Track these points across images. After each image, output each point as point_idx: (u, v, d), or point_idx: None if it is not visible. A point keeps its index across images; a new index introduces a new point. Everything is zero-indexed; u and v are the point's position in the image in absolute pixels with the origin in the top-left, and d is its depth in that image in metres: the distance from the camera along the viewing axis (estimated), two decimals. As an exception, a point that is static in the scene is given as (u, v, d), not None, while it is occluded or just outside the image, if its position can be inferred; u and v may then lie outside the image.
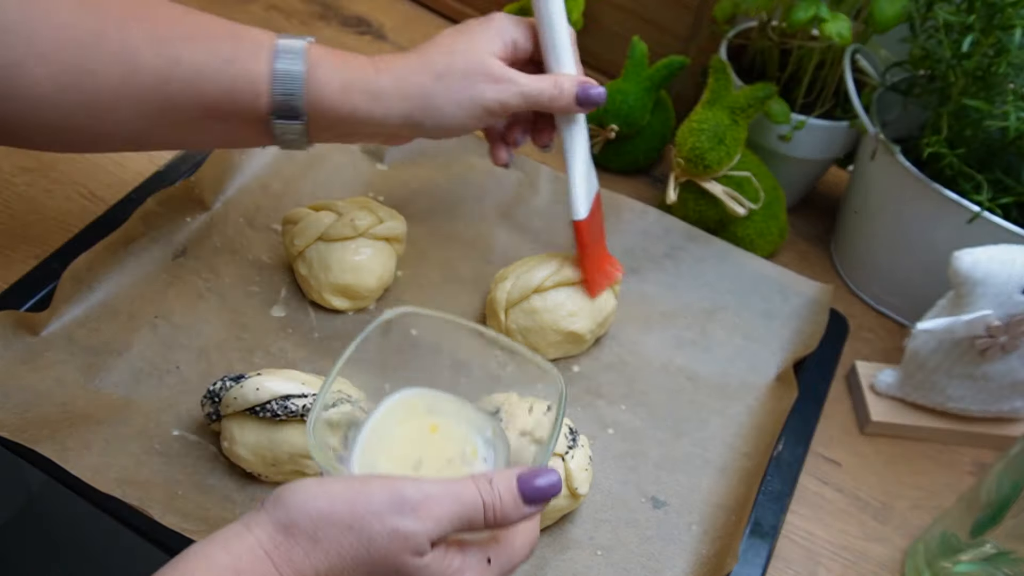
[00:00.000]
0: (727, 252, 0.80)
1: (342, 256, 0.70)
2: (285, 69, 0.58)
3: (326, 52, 0.59)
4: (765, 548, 0.62)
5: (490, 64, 0.61)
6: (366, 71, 0.60)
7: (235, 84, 0.57)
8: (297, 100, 0.58)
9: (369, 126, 0.61)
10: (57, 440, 0.58)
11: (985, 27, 0.70)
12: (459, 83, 0.60)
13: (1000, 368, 0.70)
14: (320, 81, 0.58)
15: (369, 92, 0.59)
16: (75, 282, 0.66)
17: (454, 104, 0.61)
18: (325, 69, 0.59)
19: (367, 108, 0.60)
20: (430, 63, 0.61)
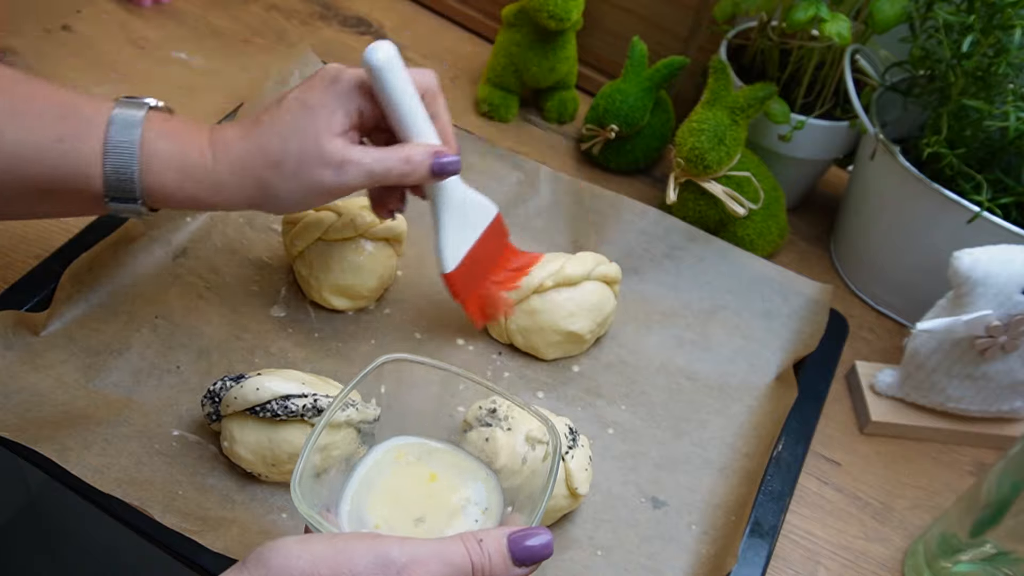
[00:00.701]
0: (727, 252, 0.80)
1: (342, 256, 0.70)
2: (120, 140, 0.55)
3: (161, 131, 0.56)
4: (765, 548, 0.62)
5: (328, 148, 0.57)
6: (203, 157, 0.57)
7: (64, 164, 0.54)
8: (132, 188, 0.56)
9: (211, 209, 0.61)
10: (57, 440, 0.58)
11: (985, 27, 0.70)
12: (295, 171, 0.57)
13: (1000, 368, 0.70)
14: (155, 171, 0.56)
15: (207, 183, 0.57)
16: (75, 282, 0.66)
17: (293, 192, 0.58)
18: (160, 158, 0.56)
19: (207, 197, 0.58)
20: (266, 150, 0.57)
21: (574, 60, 0.93)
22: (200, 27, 0.97)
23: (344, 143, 0.58)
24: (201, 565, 0.55)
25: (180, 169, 0.56)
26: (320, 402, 0.59)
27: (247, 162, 0.57)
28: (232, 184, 0.57)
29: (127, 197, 0.56)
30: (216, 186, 0.57)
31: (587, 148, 0.91)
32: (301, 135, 0.57)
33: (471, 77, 0.99)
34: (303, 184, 0.58)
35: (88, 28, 0.93)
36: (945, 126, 0.75)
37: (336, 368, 0.69)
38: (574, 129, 0.96)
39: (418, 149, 0.60)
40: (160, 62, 0.92)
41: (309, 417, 0.59)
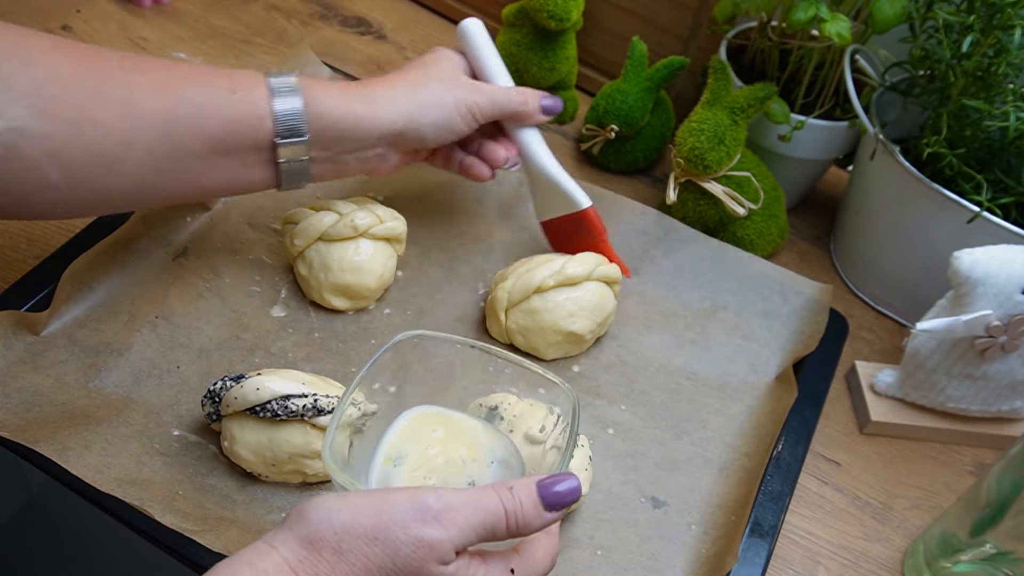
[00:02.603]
0: (727, 252, 0.80)
1: (342, 256, 0.70)
2: (284, 83, 0.61)
3: (315, 79, 0.65)
4: (765, 548, 0.62)
5: (461, 76, 0.70)
6: (357, 87, 0.65)
7: (237, 112, 0.60)
8: (299, 118, 0.61)
9: (371, 137, 0.65)
10: (57, 440, 0.58)
11: (985, 27, 0.70)
12: (441, 87, 0.67)
13: (1000, 368, 0.70)
14: (318, 96, 0.62)
15: (367, 99, 0.64)
16: (75, 282, 0.66)
17: (444, 103, 0.67)
18: (320, 88, 0.63)
19: (369, 113, 0.64)
20: (410, 78, 0.67)
21: (574, 60, 0.93)
22: (200, 27, 0.97)
23: (469, 78, 0.71)
24: (201, 565, 0.55)
25: (339, 92, 0.64)
26: (320, 402, 0.59)
27: (397, 84, 0.66)
28: (390, 98, 0.65)
29: (295, 132, 0.62)
30: (375, 100, 0.65)
31: (587, 148, 0.91)
32: (437, 67, 0.69)
33: (471, 77, 0.99)
34: (451, 96, 0.67)
35: (88, 28, 0.93)
36: (945, 126, 0.75)
37: (336, 368, 0.69)
38: (574, 129, 0.96)
39: (529, 89, 0.72)
40: (160, 62, 0.91)
41: (309, 417, 0.59)
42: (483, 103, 0.69)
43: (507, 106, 0.70)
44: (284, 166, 0.63)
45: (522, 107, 0.71)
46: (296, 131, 0.62)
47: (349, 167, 0.67)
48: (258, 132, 0.61)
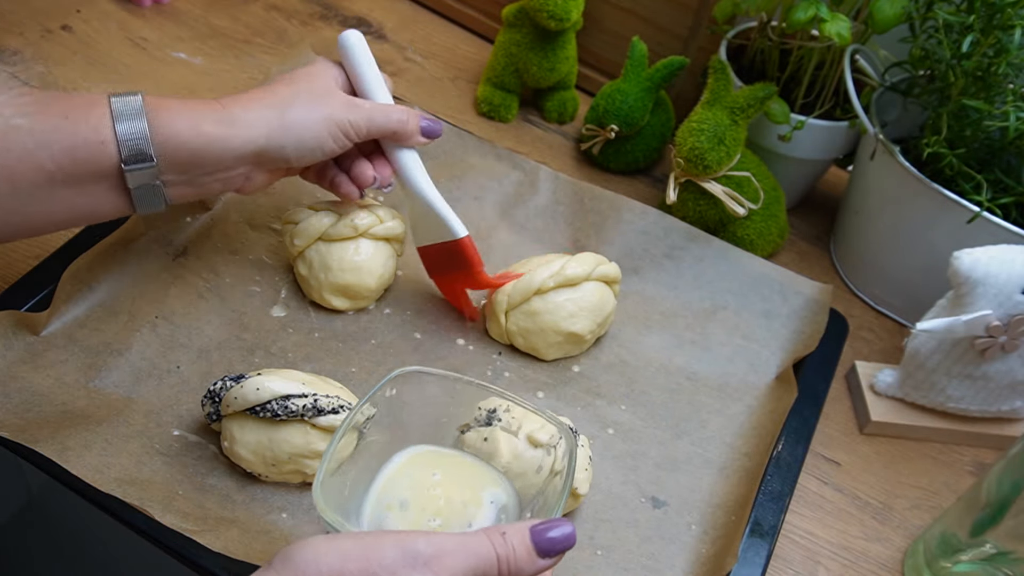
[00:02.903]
0: (727, 252, 0.80)
1: (342, 256, 0.70)
2: (125, 105, 0.56)
3: (164, 98, 0.58)
4: (765, 548, 0.62)
5: (336, 92, 0.64)
6: (211, 106, 0.59)
7: (76, 138, 0.55)
8: (144, 142, 0.56)
9: (227, 159, 0.60)
10: (57, 440, 0.58)
11: (985, 27, 0.70)
12: (310, 105, 0.62)
13: (1000, 368, 0.70)
14: (164, 118, 0.57)
15: (221, 119, 0.59)
16: (75, 282, 0.66)
17: (311, 121, 0.62)
18: (168, 108, 0.58)
19: (223, 136, 0.59)
20: (276, 93, 0.62)
21: (574, 60, 0.93)
22: (200, 27, 0.97)
23: (347, 93, 0.65)
24: (201, 565, 0.55)
25: (191, 115, 0.58)
26: (320, 402, 0.59)
27: (260, 101, 0.61)
28: (248, 118, 0.60)
29: (141, 156, 0.57)
30: (231, 121, 0.59)
31: (587, 148, 0.91)
32: (309, 82, 0.64)
33: (471, 77, 1.00)
34: (320, 115, 0.62)
35: (88, 28, 0.93)
36: (945, 126, 0.75)
37: (336, 368, 0.69)
38: (574, 129, 0.96)
39: (410, 110, 0.67)
40: (160, 62, 0.92)
41: (309, 417, 0.59)
42: (358, 121, 0.64)
43: (385, 125, 0.65)
44: (136, 192, 0.58)
45: (401, 127, 0.66)
46: (142, 155, 0.56)
47: (211, 187, 0.62)
48: (101, 157, 0.56)
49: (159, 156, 0.57)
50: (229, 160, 0.60)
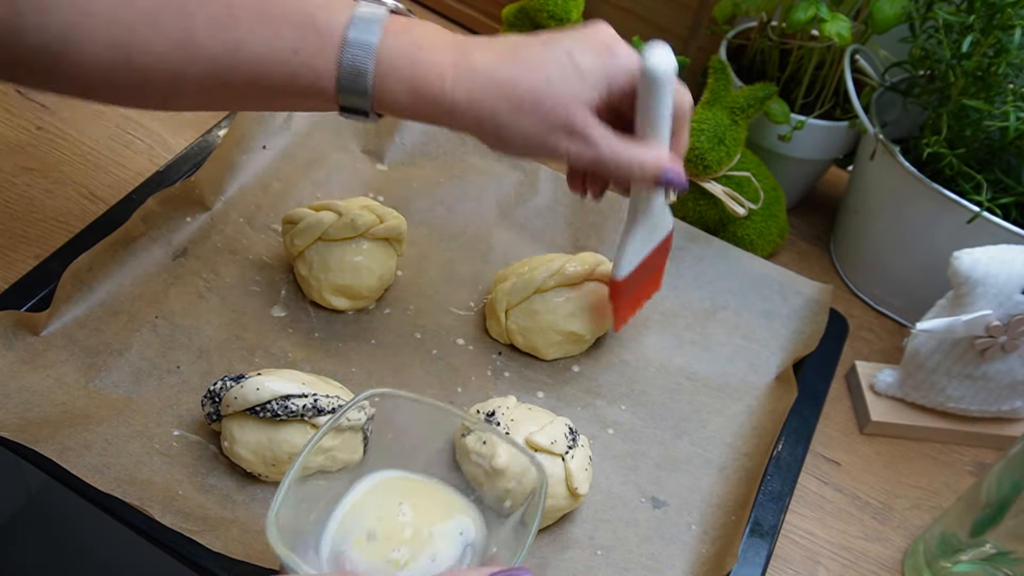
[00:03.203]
0: (727, 252, 0.80)
1: (342, 256, 0.70)
2: (349, 83, 0.54)
3: (401, 42, 0.54)
4: (765, 548, 0.62)
5: (576, 117, 0.54)
6: (440, 80, 0.54)
7: (301, 76, 0.54)
8: (365, 106, 0.55)
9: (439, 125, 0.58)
10: (57, 440, 0.58)
11: (985, 27, 0.70)
12: (534, 123, 0.55)
13: (1000, 368, 0.70)
14: (388, 89, 0.54)
15: (440, 107, 0.55)
16: (75, 282, 0.66)
17: (525, 141, 0.56)
18: (394, 77, 0.54)
19: (436, 119, 0.56)
20: (515, 85, 0.54)
21: (574, 60, 0.93)
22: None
23: (590, 117, 0.55)
24: (201, 565, 0.55)
25: (414, 91, 0.54)
26: (320, 402, 0.59)
27: (489, 93, 0.54)
28: (465, 112, 0.55)
29: (360, 110, 0.55)
30: (449, 112, 0.55)
31: (587, 148, 0.91)
32: (556, 93, 0.54)
33: (471, 77, 0.99)
34: (539, 140, 0.56)
35: (88, 28, 0.93)
36: (945, 126, 0.75)
37: (336, 368, 0.69)
38: (574, 129, 0.96)
39: (651, 155, 0.57)
40: (160, 62, 0.91)
41: (309, 417, 0.59)
42: (581, 156, 0.56)
43: (612, 168, 0.57)
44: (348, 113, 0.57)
45: (627, 176, 0.59)
46: (361, 111, 0.55)
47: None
48: (322, 96, 0.55)
49: (375, 111, 0.56)
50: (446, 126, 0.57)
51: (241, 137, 0.78)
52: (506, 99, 0.54)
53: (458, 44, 0.55)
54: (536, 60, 0.54)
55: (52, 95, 0.83)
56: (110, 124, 0.84)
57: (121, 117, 0.85)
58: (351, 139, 0.84)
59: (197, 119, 0.86)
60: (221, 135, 0.79)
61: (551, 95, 0.54)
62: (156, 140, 0.84)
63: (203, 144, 0.79)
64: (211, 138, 0.79)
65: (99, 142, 0.82)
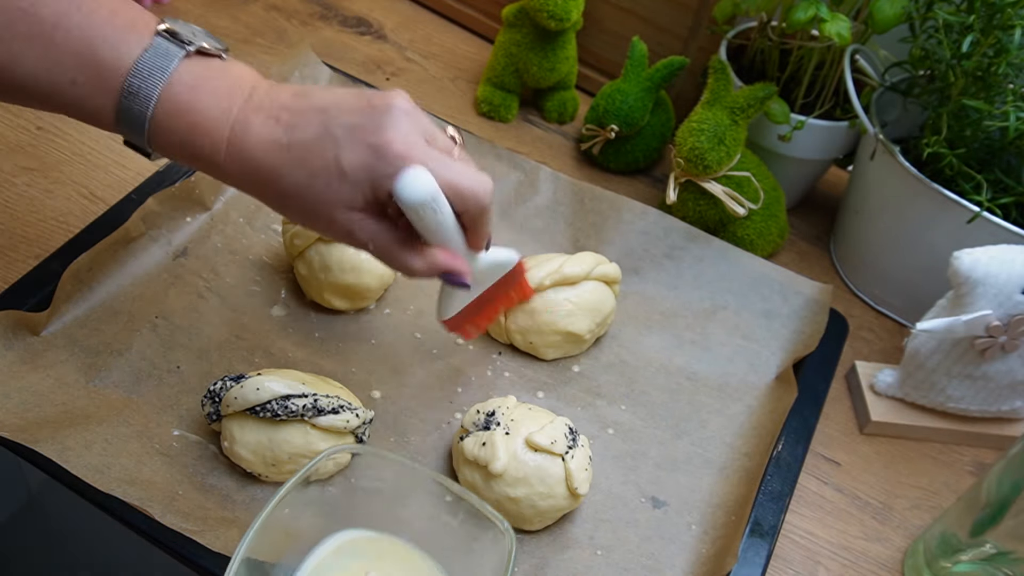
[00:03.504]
0: (727, 252, 0.80)
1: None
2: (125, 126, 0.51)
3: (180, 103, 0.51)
4: (765, 548, 0.62)
5: (336, 218, 0.52)
6: (215, 154, 0.52)
7: (78, 107, 0.52)
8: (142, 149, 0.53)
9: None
10: (57, 440, 0.58)
11: (985, 27, 0.70)
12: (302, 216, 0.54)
13: (1000, 368, 0.70)
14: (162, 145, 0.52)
15: (215, 173, 0.54)
16: (75, 282, 0.66)
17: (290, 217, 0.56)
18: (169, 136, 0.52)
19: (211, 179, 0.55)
20: (280, 179, 0.52)
21: (574, 60, 0.93)
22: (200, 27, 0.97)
23: (355, 218, 0.52)
24: (201, 565, 0.55)
25: (190, 156, 0.53)
26: (320, 402, 0.59)
27: (256, 179, 0.53)
28: (236, 184, 0.54)
29: (138, 150, 0.54)
30: (221, 178, 0.54)
31: (587, 148, 0.91)
32: (316, 194, 0.52)
33: (471, 77, 1.00)
34: (304, 223, 0.55)
35: (88, 28, 0.93)
36: (945, 126, 0.75)
37: (336, 368, 0.69)
38: (574, 129, 0.96)
39: (421, 264, 0.55)
40: (160, 62, 0.91)
41: (309, 417, 0.59)
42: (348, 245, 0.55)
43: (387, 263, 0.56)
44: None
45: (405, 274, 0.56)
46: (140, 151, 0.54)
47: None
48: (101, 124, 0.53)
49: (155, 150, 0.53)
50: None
51: (241, 137, 0.78)
52: (272, 189, 0.52)
53: (243, 108, 0.52)
54: (304, 150, 0.51)
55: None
56: (110, 124, 0.84)
57: (121, 117, 0.85)
58: (351, 139, 0.84)
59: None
60: (221, 135, 0.78)
61: (312, 195, 0.52)
62: (156, 140, 0.84)
63: (203, 144, 0.79)
64: (211, 138, 0.79)
65: (99, 142, 0.82)
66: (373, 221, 0.53)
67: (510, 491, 0.59)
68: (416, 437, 0.66)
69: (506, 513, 0.60)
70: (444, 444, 0.66)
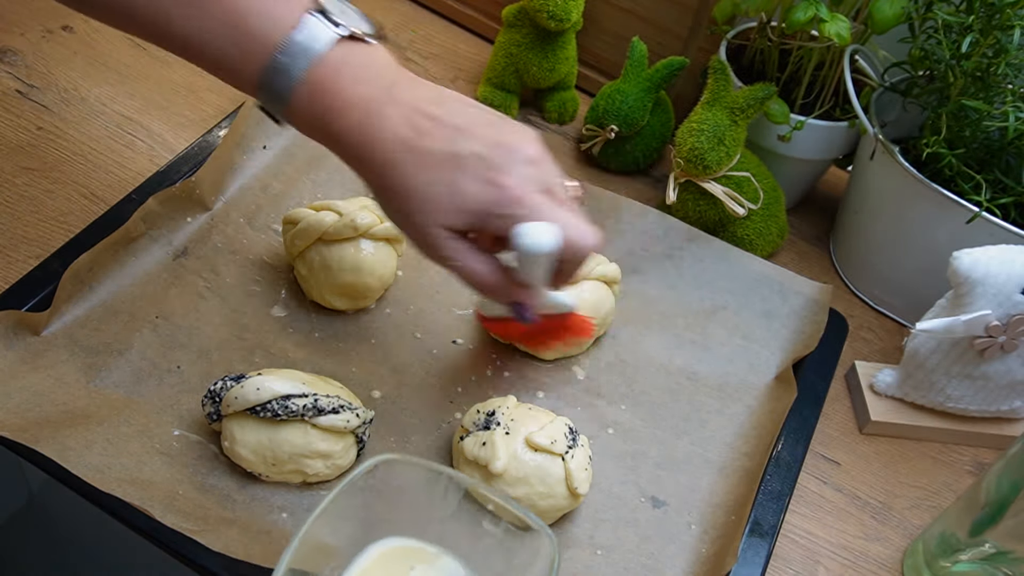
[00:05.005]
0: (727, 252, 0.80)
1: (342, 256, 0.70)
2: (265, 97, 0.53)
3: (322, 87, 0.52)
4: (765, 548, 0.62)
5: (429, 234, 0.54)
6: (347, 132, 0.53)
7: (223, 68, 0.53)
8: (278, 118, 0.56)
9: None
10: (58, 440, 0.58)
11: (984, 28, 0.71)
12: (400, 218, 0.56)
13: (999, 368, 0.70)
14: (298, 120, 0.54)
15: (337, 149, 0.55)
16: (76, 282, 0.67)
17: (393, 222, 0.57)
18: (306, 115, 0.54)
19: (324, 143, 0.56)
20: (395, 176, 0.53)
21: (574, 60, 0.93)
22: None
23: (451, 237, 0.54)
24: (201, 565, 0.55)
25: (318, 131, 0.54)
26: (320, 402, 0.59)
27: (374, 167, 0.54)
28: (351, 162, 0.55)
29: (268, 114, 0.56)
30: (338, 153, 0.55)
31: (587, 148, 0.91)
32: (422, 206, 0.53)
33: (471, 77, 1.00)
34: (394, 216, 0.56)
35: (89, 28, 0.93)
36: (944, 126, 0.75)
37: (336, 368, 0.69)
38: (574, 129, 0.96)
39: (504, 290, 0.57)
40: (160, 62, 0.92)
41: (309, 417, 0.59)
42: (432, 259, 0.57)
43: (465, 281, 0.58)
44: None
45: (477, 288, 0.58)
46: (275, 118, 0.56)
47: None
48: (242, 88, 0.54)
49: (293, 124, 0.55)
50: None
51: (242, 137, 0.78)
52: (385, 180, 0.54)
53: (381, 98, 0.53)
54: (429, 158, 0.53)
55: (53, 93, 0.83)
56: (110, 124, 0.84)
57: (122, 117, 0.85)
58: (351, 139, 0.84)
59: (198, 119, 0.87)
60: (222, 135, 0.79)
61: (418, 201, 0.53)
62: (156, 140, 0.84)
63: (203, 144, 0.79)
64: (211, 138, 0.79)
65: (99, 142, 0.82)
66: (462, 244, 0.55)
67: (510, 491, 0.59)
68: (416, 437, 0.66)
69: (506, 513, 0.60)
70: (444, 444, 0.66)
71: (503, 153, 0.53)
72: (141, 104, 0.87)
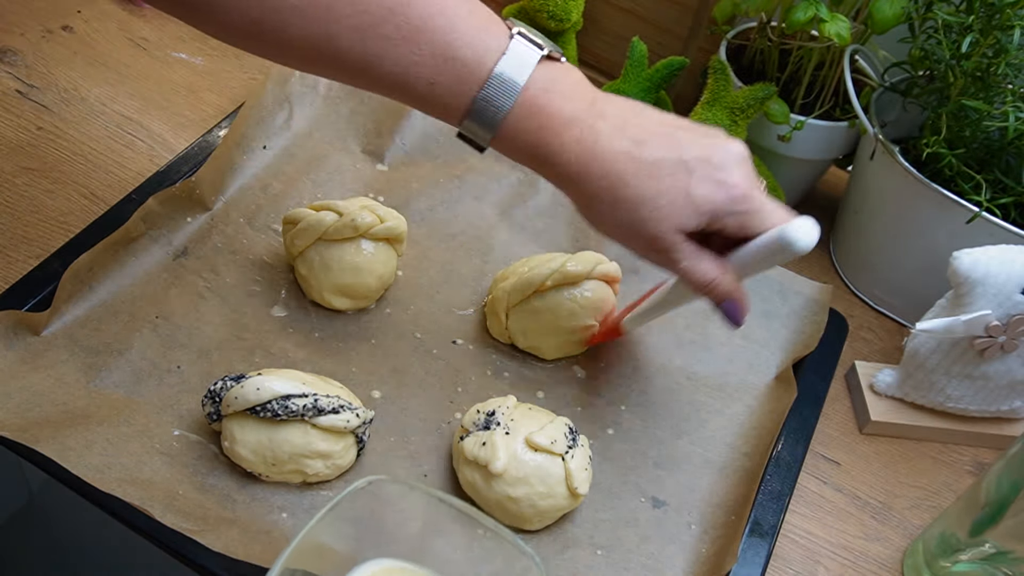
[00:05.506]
0: (727, 252, 0.80)
1: (342, 256, 0.70)
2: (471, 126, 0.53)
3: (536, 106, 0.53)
4: (765, 548, 0.62)
5: (665, 238, 0.55)
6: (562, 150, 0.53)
7: (429, 103, 0.54)
8: (483, 142, 0.55)
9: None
10: (58, 440, 0.58)
11: (984, 28, 0.71)
12: (626, 225, 0.55)
13: (999, 368, 0.70)
14: (505, 142, 0.54)
15: (548, 171, 0.55)
16: (76, 282, 0.67)
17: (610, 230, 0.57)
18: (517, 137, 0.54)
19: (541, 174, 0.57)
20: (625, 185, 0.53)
21: (574, 60, 0.93)
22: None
23: (679, 239, 0.55)
24: (201, 565, 0.55)
25: (529, 153, 0.55)
26: (320, 402, 0.59)
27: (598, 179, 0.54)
28: (569, 185, 0.55)
29: (471, 144, 0.56)
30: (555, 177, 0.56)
31: (587, 148, 0.91)
32: (656, 213, 0.54)
33: (471, 77, 0.99)
34: (618, 232, 0.57)
35: (88, 28, 0.93)
36: (944, 126, 0.75)
37: (336, 368, 0.69)
38: (574, 129, 0.96)
39: (725, 285, 0.57)
40: (160, 62, 0.92)
41: (309, 417, 0.59)
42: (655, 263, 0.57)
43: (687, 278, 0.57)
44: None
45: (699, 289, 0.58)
46: (478, 147, 0.56)
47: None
48: (443, 116, 0.55)
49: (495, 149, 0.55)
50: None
51: (241, 137, 0.78)
52: (611, 193, 0.54)
53: (589, 113, 0.54)
54: (657, 168, 0.53)
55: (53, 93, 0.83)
56: (110, 124, 0.84)
57: (122, 117, 0.85)
58: (351, 139, 0.85)
59: (198, 119, 0.87)
60: (221, 135, 0.79)
61: (649, 209, 0.54)
62: (156, 140, 0.84)
63: (203, 144, 0.79)
64: (211, 138, 0.79)
65: (99, 142, 0.82)
66: (692, 245, 0.55)
67: (510, 491, 0.59)
68: (416, 437, 0.66)
69: (506, 513, 0.60)
70: (444, 444, 0.66)
71: (721, 154, 0.55)
72: (141, 104, 0.87)
